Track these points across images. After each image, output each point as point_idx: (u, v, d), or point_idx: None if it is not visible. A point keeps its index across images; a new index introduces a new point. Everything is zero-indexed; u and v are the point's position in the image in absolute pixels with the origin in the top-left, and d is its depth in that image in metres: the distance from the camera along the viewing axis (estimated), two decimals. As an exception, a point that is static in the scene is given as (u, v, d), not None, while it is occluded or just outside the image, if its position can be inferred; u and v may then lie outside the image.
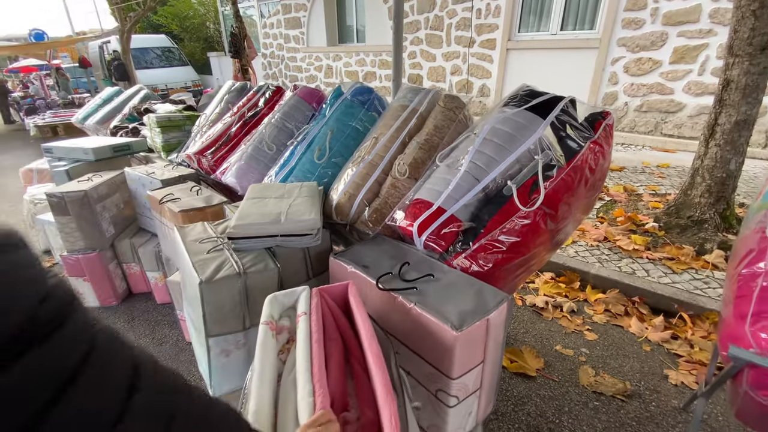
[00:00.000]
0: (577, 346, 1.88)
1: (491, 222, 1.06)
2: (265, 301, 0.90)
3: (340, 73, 7.56)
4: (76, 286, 2.20)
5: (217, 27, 12.12)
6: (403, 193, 1.31)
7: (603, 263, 2.34)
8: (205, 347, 1.08)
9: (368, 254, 1.19)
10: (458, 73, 5.63)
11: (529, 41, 5.08)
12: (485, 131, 1.13)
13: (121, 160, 2.60)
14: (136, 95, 3.79)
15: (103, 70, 11.15)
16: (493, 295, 0.93)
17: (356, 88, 1.76)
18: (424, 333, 0.88)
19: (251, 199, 1.38)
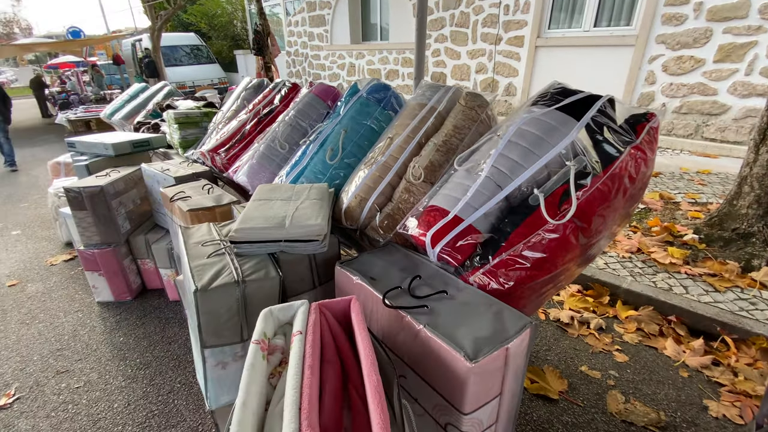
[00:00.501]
0: (605, 368, 1.73)
1: (514, 235, 0.95)
2: (259, 315, 0.83)
3: (363, 71, 7.49)
4: (92, 281, 2.22)
5: (244, 25, 12.30)
6: (417, 198, 1.22)
7: (636, 277, 2.16)
8: (201, 358, 1.02)
9: (377, 264, 1.10)
10: (483, 71, 5.44)
11: (559, 38, 4.85)
12: (510, 133, 1.02)
13: (141, 155, 2.61)
14: (160, 92, 3.83)
15: (135, 67, 11.52)
16: (515, 319, 0.82)
17: (372, 85, 1.67)
18: (433, 360, 0.79)
19: (257, 200, 1.32)
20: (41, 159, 6.00)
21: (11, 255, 2.96)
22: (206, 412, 1.56)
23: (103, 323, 2.12)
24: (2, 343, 2.01)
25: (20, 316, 2.22)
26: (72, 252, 2.93)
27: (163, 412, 1.58)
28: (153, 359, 1.85)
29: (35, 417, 1.59)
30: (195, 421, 1.53)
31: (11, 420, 1.58)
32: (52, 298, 2.37)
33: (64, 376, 1.78)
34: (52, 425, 1.55)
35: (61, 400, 1.66)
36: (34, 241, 3.17)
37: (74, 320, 2.15)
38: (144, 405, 1.61)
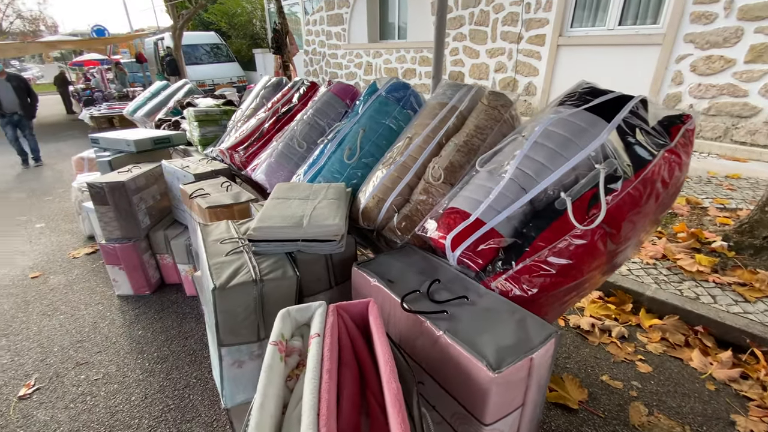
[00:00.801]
0: (628, 378, 1.67)
1: (539, 239, 0.91)
2: (277, 315, 0.82)
3: (380, 70, 7.48)
4: (112, 274, 2.26)
5: (263, 24, 12.43)
6: (435, 199, 1.19)
7: (661, 284, 2.09)
8: (218, 356, 1.02)
9: (395, 266, 1.08)
10: (503, 70, 5.36)
11: (582, 37, 4.73)
12: (536, 134, 0.98)
13: (161, 152, 2.65)
14: (181, 89, 3.89)
15: (156, 66, 11.76)
16: (539, 328, 0.79)
17: (392, 84, 1.65)
18: (453, 368, 0.76)
19: (275, 199, 1.31)
20: (66, 154, 6.18)
21: (35, 247, 3.05)
22: (221, 410, 1.57)
23: (123, 316, 2.16)
24: (24, 334, 2.07)
25: (42, 308, 2.28)
26: (94, 245, 3.00)
27: (179, 406, 1.59)
28: (170, 353, 1.88)
29: (54, 408, 1.62)
30: (210, 417, 1.54)
31: (30, 410, 1.61)
32: (74, 291, 2.42)
33: (84, 368, 1.82)
34: (70, 416, 1.58)
35: (80, 391, 1.69)
36: (58, 234, 3.26)
37: (94, 312, 2.20)
38: (161, 399, 1.63)
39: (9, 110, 5.31)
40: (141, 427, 1.51)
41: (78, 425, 1.53)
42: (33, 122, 5.71)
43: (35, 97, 5.64)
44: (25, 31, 31.87)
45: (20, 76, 5.56)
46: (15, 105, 5.32)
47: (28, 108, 5.52)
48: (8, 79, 5.28)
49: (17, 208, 3.92)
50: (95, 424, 1.53)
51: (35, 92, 5.66)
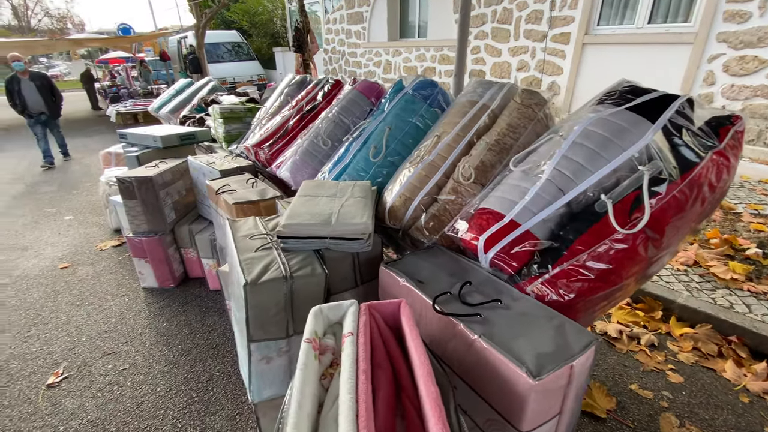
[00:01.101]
0: (658, 388, 1.62)
1: (577, 243, 0.88)
2: (309, 313, 0.81)
3: (399, 69, 7.45)
4: (138, 267, 2.31)
5: (283, 23, 12.55)
6: (465, 199, 1.17)
7: (692, 292, 2.01)
8: (246, 351, 1.02)
9: (423, 267, 1.06)
10: (525, 69, 5.26)
11: (609, 35, 4.60)
12: (576, 133, 0.95)
13: (186, 148, 2.69)
14: (205, 87, 3.95)
15: (179, 63, 12.01)
16: (579, 335, 0.77)
17: (419, 81, 1.63)
18: (490, 373, 0.74)
19: (303, 196, 1.31)
20: (92, 149, 6.36)
21: (63, 239, 3.14)
22: (243, 403, 1.59)
23: (148, 308, 2.20)
24: (53, 323, 2.13)
25: (71, 298, 2.35)
26: (120, 238, 3.07)
27: (202, 399, 1.61)
28: (194, 346, 1.91)
29: (82, 396, 1.66)
30: (233, 410, 1.56)
31: (58, 398, 1.66)
32: (101, 282, 2.49)
33: (111, 358, 1.86)
34: (97, 405, 1.61)
35: (107, 381, 1.73)
36: (85, 227, 3.36)
37: (121, 304, 2.25)
38: (185, 391, 1.65)
39: (35, 110, 5.23)
40: (166, 419, 1.53)
41: (105, 414, 1.57)
42: (59, 121, 5.66)
43: (59, 96, 5.50)
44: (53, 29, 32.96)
45: (43, 74, 5.41)
46: (40, 104, 5.22)
47: (53, 107, 5.39)
48: (31, 78, 5.16)
49: (47, 200, 4.06)
50: (122, 414, 1.56)
51: (59, 90, 5.52)
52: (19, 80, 5.06)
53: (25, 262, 2.78)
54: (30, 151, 6.11)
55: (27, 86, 5.09)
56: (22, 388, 1.72)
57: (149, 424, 1.52)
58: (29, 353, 1.92)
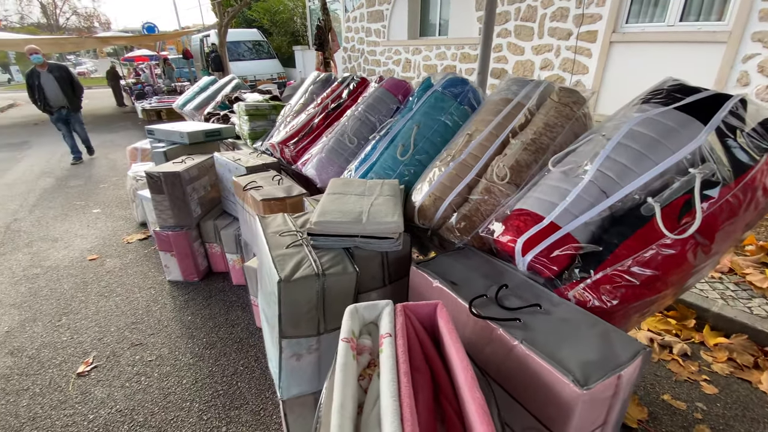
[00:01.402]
0: (692, 399, 1.56)
1: (622, 247, 0.85)
2: (344, 312, 0.80)
3: (419, 67, 7.39)
4: (164, 260, 2.35)
5: (303, 21, 12.62)
6: (499, 200, 1.14)
7: (727, 300, 1.93)
8: (278, 348, 1.02)
9: (456, 268, 1.04)
10: (549, 67, 5.15)
11: (638, 33, 4.46)
12: (621, 134, 0.92)
13: (211, 144, 2.73)
14: (228, 84, 4.00)
15: (202, 62, 12.22)
16: (626, 344, 0.74)
17: (448, 79, 1.60)
18: (531, 380, 0.72)
19: (332, 194, 1.31)
20: (118, 144, 6.53)
21: (92, 231, 3.23)
22: (267, 398, 1.60)
23: (173, 301, 2.24)
24: (82, 313, 2.19)
25: (99, 289, 2.41)
26: (146, 232, 3.14)
27: (227, 393, 1.63)
28: (218, 340, 1.93)
29: (111, 386, 1.70)
30: (257, 405, 1.57)
31: (88, 387, 1.70)
32: (128, 274, 2.55)
33: (138, 349, 1.90)
34: (126, 395, 1.65)
35: (135, 371, 1.77)
36: (113, 220, 3.45)
37: (147, 296, 2.30)
38: (210, 384, 1.67)
39: (56, 104, 5.03)
40: (192, 410, 1.56)
41: (133, 404, 1.60)
42: (81, 114, 5.44)
43: (80, 88, 5.25)
44: (80, 27, 34.00)
45: (62, 66, 5.14)
46: (60, 98, 5.02)
47: (73, 99, 5.16)
48: (50, 70, 4.93)
49: (75, 194, 4.18)
50: (149, 404, 1.59)
51: (80, 82, 5.27)
52: (38, 74, 4.88)
53: (55, 253, 2.87)
54: (59, 145, 6.30)
55: (47, 79, 4.91)
56: (53, 376, 1.77)
57: (176, 415, 1.54)
58: (60, 342, 1.98)
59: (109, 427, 1.50)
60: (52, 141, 6.75)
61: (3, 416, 1.57)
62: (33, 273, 2.61)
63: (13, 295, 2.38)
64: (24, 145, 6.75)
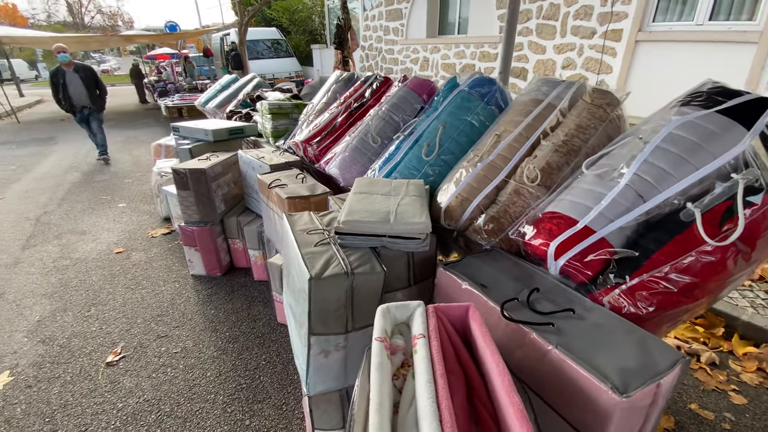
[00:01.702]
0: (719, 409, 1.52)
1: (659, 253, 0.83)
2: (376, 312, 0.81)
3: (437, 66, 7.35)
4: (188, 255, 2.40)
5: (322, 20, 12.68)
6: (528, 202, 1.13)
7: (758, 309, 1.87)
8: (306, 345, 1.03)
9: (485, 270, 1.04)
10: (571, 66, 5.06)
11: (665, 32, 4.34)
12: (660, 137, 0.90)
13: (234, 142, 2.77)
14: (250, 83, 4.05)
15: (221, 60, 12.40)
16: (664, 352, 0.72)
17: (475, 78, 1.59)
18: (566, 386, 0.71)
19: (358, 193, 1.32)
20: (141, 140, 6.69)
21: (118, 225, 3.32)
22: (289, 393, 1.62)
23: (197, 295, 2.29)
24: (110, 305, 2.25)
25: (126, 281, 2.48)
26: (169, 226, 3.22)
27: (250, 386, 1.66)
28: (240, 334, 1.97)
29: (138, 376, 1.75)
30: (279, 399, 1.59)
31: (117, 376, 1.75)
32: (153, 267, 2.61)
33: (164, 341, 1.95)
34: (153, 385, 1.69)
35: (161, 363, 1.82)
36: (137, 215, 3.54)
37: (172, 289, 2.36)
38: (233, 377, 1.71)
39: (79, 104, 5.00)
40: (216, 403, 1.59)
41: (160, 394, 1.64)
42: (103, 115, 5.36)
43: (104, 89, 5.22)
44: (104, 26, 34.93)
45: (88, 67, 5.13)
46: (84, 98, 4.99)
47: (97, 100, 5.13)
48: (76, 70, 4.89)
49: (101, 188, 4.30)
50: (175, 395, 1.64)
51: (104, 83, 5.25)
52: (63, 72, 4.84)
53: (83, 246, 2.96)
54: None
55: (72, 78, 4.87)
56: (83, 365, 1.83)
57: (201, 407, 1.58)
58: (89, 332, 2.04)
59: (137, 416, 1.55)
60: (78, 137, 6.95)
61: (36, 403, 1.63)
62: (63, 264, 2.70)
63: (45, 285, 2.47)
64: (51, 140, 6.97)
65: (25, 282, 2.50)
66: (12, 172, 4.97)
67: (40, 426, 1.53)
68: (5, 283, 2.49)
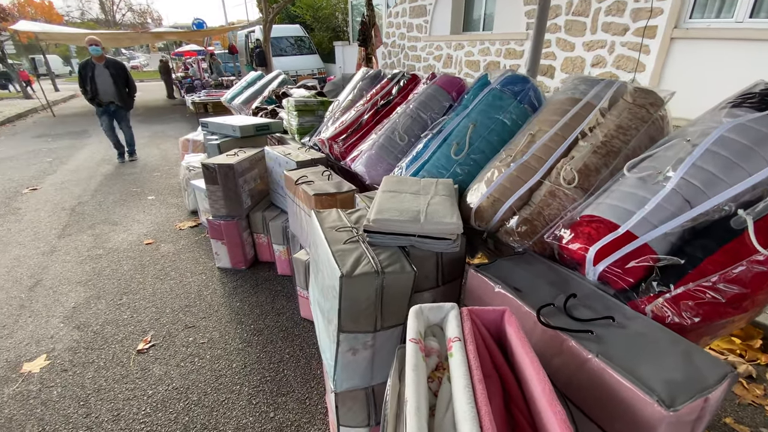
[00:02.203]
0: (756, 425, 1.45)
1: (707, 262, 0.80)
2: (410, 312, 0.80)
3: (460, 63, 7.26)
4: (215, 248, 2.46)
5: (345, 17, 12.70)
6: (564, 204, 1.10)
7: (802, 322, 1.78)
8: (335, 342, 1.04)
9: (518, 274, 1.02)
10: (601, 64, 4.90)
11: (703, 29, 4.15)
12: (711, 140, 0.86)
13: (260, 138, 2.82)
14: (275, 80, 4.10)
15: (246, 57, 12.60)
16: (712, 365, 0.69)
17: (507, 76, 1.56)
18: (607, 397, 0.69)
19: (387, 192, 1.31)
20: (169, 135, 6.88)
21: (147, 217, 3.43)
22: (312, 387, 1.64)
23: (223, 287, 2.35)
24: (141, 294, 2.33)
25: (155, 272, 2.56)
26: (196, 219, 3.30)
27: (274, 379, 1.69)
28: (265, 327, 2.00)
29: (167, 364, 1.80)
30: (303, 393, 1.61)
31: (147, 364, 1.81)
32: (181, 259, 2.68)
33: (192, 331, 2.00)
34: (181, 374, 1.74)
35: (189, 352, 1.86)
36: (166, 207, 3.64)
37: (199, 281, 2.42)
38: (258, 370, 1.74)
39: (105, 99, 4.88)
40: (242, 394, 1.62)
41: (188, 383, 1.69)
42: (130, 114, 5.24)
43: (133, 87, 5.09)
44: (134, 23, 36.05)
45: (119, 63, 4.99)
46: (112, 94, 4.88)
47: (126, 98, 5.01)
48: (106, 66, 4.79)
49: (131, 180, 4.45)
50: (202, 385, 1.68)
51: (134, 81, 5.11)
52: (93, 66, 4.74)
53: (115, 236, 3.07)
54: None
55: (101, 73, 4.76)
56: (115, 351, 1.90)
57: (227, 397, 1.61)
58: (121, 320, 2.12)
59: (166, 404, 1.60)
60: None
61: (71, 386, 1.70)
62: (96, 254, 2.81)
63: (80, 273, 2.57)
64: (84, 134, 7.25)
65: (61, 269, 2.61)
66: (48, 165, 5.20)
67: (75, 409, 1.59)
68: (43, 270, 2.60)
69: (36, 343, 1.96)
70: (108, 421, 1.53)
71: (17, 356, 1.87)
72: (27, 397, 1.65)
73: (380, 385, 1.19)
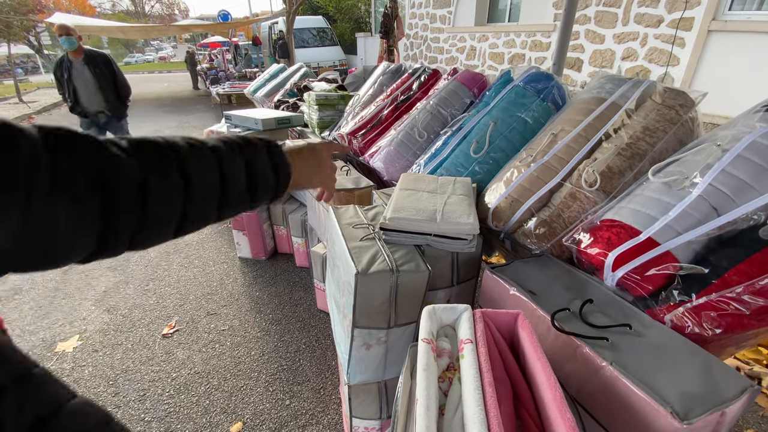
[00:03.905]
0: (783, 439, 1.40)
1: (732, 272, 0.77)
2: (422, 312, 0.81)
3: (484, 55, 7.12)
4: (237, 238, 2.52)
5: (367, 8, 12.62)
6: (585, 207, 1.08)
7: (838, 334, 1.69)
8: (349, 336, 1.06)
9: (534, 276, 1.01)
10: (632, 58, 4.71)
11: (743, 22, 3.92)
12: (743, 145, 0.82)
13: (281, 132, 2.85)
14: (297, 72, 4.13)
15: (269, 48, 12.72)
16: (730, 378, 0.67)
17: (531, 73, 1.53)
18: (620, 406, 0.69)
19: (404, 189, 1.32)
20: (194, 126, 7.06)
21: (173, 206, 3.54)
22: (327, 378, 1.68)
23: (243, 277, 2.42)
24: (166, 281, 2.42)
25: (180, 260, 2.65)
26: (218, 210, 3.38)
27: (290, 368, 1.74)
28: (282, 317, 2.05)
29: (190, 349, 1.88)
30: (317, 384, 1.66)
31: (171, 348, 1.89)
32: (204, 248, 2.77)
33: (213, 318, 2.07)
34: (203, 359, 1.81)
35: (210, 338, 1.94)
36: (190, 197, 3.74)
37: (221, 270, 2.49)
38: (275, 358, 1.79)
39: (91, 108, 3.51)
40: (260, 381, 1.68)
41: (209, 368, 1.76)
42: (127, 124, 3.82)
43: (125, 87, 3.64)
44: (162, 15, 36.87)
45: (104, 55, 3.53)
46: (98, 101, 3.50)
47: (115, 103, 3.59)
48: (86, 62, 3.38)
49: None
50: (222, 370, 1.74)
51: (125, 80, 3.66)
52: (70, 63, 3.38)
53: (143, 224, 3.19)
54: (143, 124, 6.91)
55: (80, 72, 3.40)
56: (142, 334, 1.99)
57: (245, 383, 1.67)
58: (148, 305, 2.21)
59: (188, 387, 1.67)
60: (135, 120, 7.44)
61: (101, 366, 1.80)
62: (125, 240, 2.93)
63: (110, 258, 2.69)
64: (116, 123, 7.49)
65: (93, 255, 2.74)
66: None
67: (104, 388, 1.69)
68: (76, 255, 2.74)
69: (70, 324, 2.07)
70: (135, 400, 1.62)
71: (52, 336, 1.99)
72: (61, 375, 1.76)
73: (393, 380, 1.21)
